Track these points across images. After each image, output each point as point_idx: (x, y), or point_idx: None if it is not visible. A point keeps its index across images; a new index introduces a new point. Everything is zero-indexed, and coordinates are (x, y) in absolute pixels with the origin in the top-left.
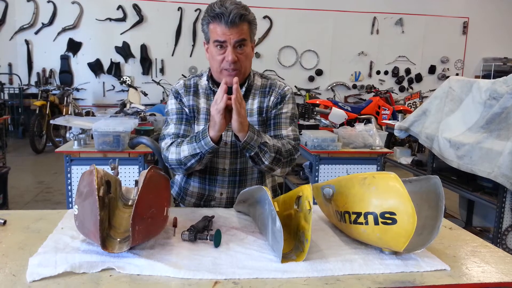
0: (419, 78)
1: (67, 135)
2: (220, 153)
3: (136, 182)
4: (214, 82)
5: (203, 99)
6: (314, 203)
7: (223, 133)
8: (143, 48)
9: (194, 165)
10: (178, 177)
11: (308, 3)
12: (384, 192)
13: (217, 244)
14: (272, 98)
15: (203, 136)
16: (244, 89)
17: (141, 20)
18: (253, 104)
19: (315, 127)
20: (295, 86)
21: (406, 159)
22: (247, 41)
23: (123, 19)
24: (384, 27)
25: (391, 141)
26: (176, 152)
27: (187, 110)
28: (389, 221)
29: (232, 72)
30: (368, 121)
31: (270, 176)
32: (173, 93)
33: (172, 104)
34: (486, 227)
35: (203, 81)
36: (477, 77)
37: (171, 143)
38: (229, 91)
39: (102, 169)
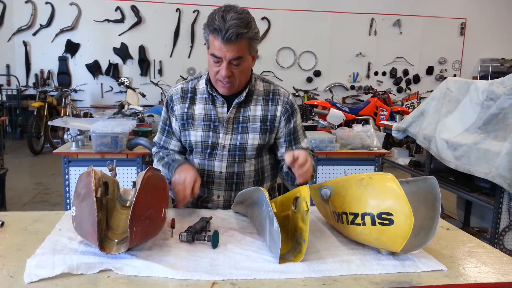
0: (417, 79)
1: (65, 136)
2: (217, 156)
3: (134, 183)
4: (212, 86)
5: (199, 105)
6: (312, 204)
7: (220, 136)
8: (141, 49)
9: None
10: None
11: (306, 4)
12: (381, 193)
13: (215, 245)
14: (279, 108)
15: (174, 172)
16: (244, 94)
17: (139, 21)
18: (256, 110)
19: (313, 128)
20: (293, 87)
21: (404, 160)
22: (243, 58)
23: (121, 20)
24: (382, 28)
25: (389, 142)
26: (157, 165)
27: (174, 120)
28: (386, 222)
29: (226, 85)
30: (366, 122)
31: (268, 180)
32: (167, 99)
33: (163, 112)
34: (484, 227)
35: (201, 85)
36: (474, 78)
37: (155, 153)
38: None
39: (100, 170)
